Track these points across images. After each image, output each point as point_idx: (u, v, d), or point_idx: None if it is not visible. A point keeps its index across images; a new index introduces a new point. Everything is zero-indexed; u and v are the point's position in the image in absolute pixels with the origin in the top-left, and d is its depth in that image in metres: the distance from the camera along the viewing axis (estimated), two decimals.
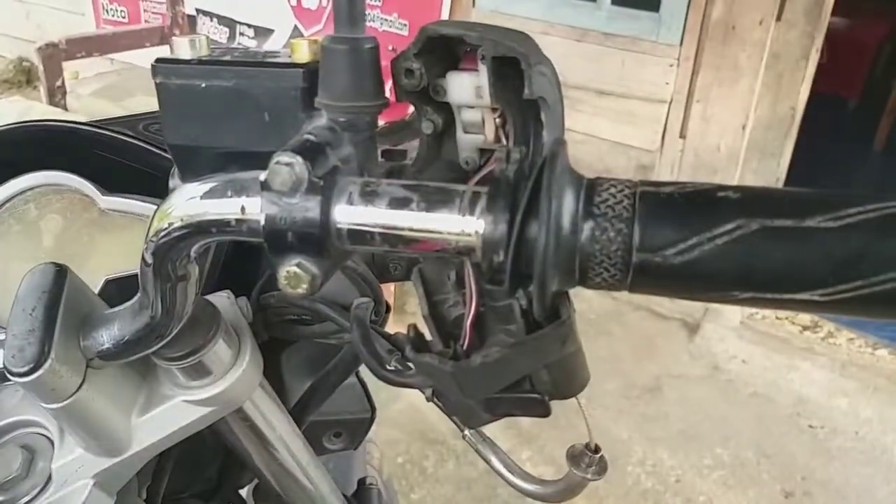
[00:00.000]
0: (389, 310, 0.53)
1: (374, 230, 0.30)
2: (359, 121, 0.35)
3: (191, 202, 0.33)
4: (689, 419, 2.07)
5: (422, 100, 0.38)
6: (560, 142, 0.30)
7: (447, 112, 0.39)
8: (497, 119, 0.37)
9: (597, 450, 0.48)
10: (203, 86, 0.37)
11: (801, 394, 2.16)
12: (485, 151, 0.39)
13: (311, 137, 0.33)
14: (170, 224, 0.33)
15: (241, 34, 3.57)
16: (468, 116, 0.38)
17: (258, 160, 0.31)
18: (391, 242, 0.31)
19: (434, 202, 0.30)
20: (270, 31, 3.47)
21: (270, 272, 0.51)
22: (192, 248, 0.34)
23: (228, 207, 0.32)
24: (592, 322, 2.43)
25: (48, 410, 0.37)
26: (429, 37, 0.35)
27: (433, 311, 0.42)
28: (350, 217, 0.30)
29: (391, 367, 0.41)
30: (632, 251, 0.27)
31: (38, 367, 0.35)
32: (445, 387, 0.38)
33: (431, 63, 0.36)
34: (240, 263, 0.53)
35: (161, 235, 0.33)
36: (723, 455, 1.96)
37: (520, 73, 0.33)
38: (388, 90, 0.35)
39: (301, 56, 0.37)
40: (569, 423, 1.62)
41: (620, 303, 2.54)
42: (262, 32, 3.50)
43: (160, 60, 0.38)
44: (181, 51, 0.38)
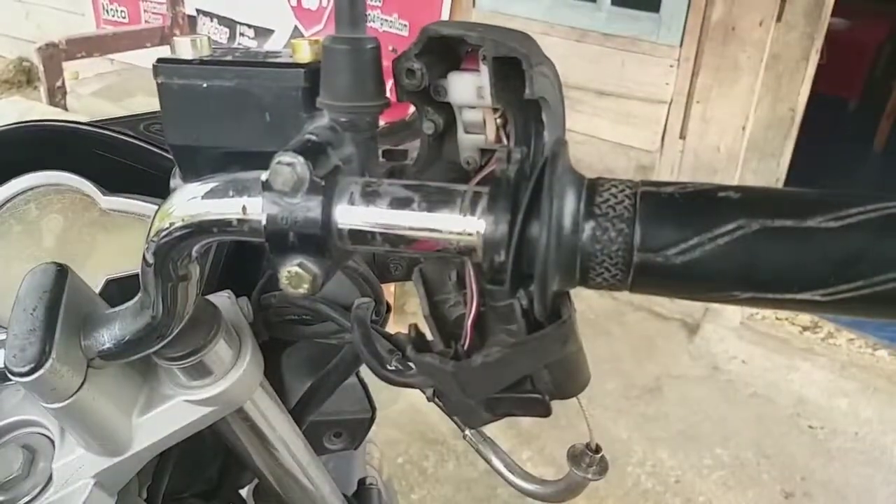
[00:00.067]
0: (390, 310, 0.54)
1: (376, 230, 0.30)
2: (360, 121, 0.35)
3: (192, 202, 0.33)
4: (689, 419, 2.07)
5: (423, 100, 0.38)
6: (561, 142, 0.30)
7: (448, 112, 0.39)
8: (498, 119, 0.37)
9: (597, 450, 0.48)
10: (204, 86, 0.37)
11: (801, 394, 2.16)
12: (486, 151, 0.39)
13: (313, 137, 0.33)
14: (171, 224, 0.33)
15: (242, 34, 3.57)
16: (469, 116, 0.38)
17: (259, 160, 0.31)
18: (392, 242, 0.31)
19: (435, 202, 0.30)
20: (271, 32, 3.47)
21: (271, 272, 0.51)
22: (194, 248, 0.34)
23: (230, 207, 0.32)
24: (592, 322, 2.43)
25: (49, 410, 0.37)
26: (430, 37, 0.35)
27: (434, 311, 0.42)
28: (351, 217, 0.30)
29: (392, 367, 0.41)
30: (633, 251, 0.27)
31: (39, 367, 0.35)
32: (446, 387, 0.38)
33: (432, 63, 0.36)
34: (241, 263, 0.53)
35: (162, 235, 0.33)
36: (723, 455, 1.96)
37: (521, 74, 0.33)
38: (389, 90, 0.36)
39: (302, 56, 0.37)
40: (569, 423, 1.62)
41: (620, 303, 2.54)
42: (263, 33, 3.50)
43: (162, 60, 0.38)
44: (183, 51, 0.38)
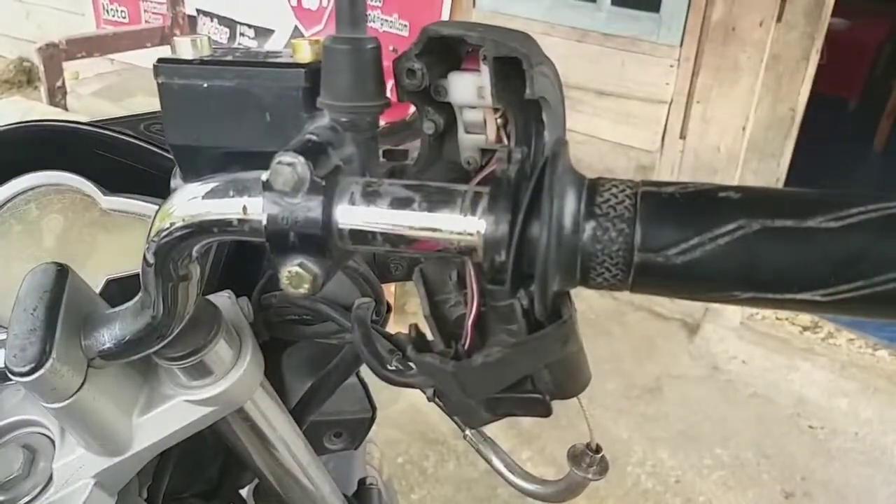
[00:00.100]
0: (390, 310, 0.54)
1: (376, 230, 0.30)
2: (360, 121, 0.35)
3: (192, 202, 0.33)
4: (689, 419, 2.07)
5: (423, 100, 0.38)
6: (561, 142, 0.30)
7: (449, 112, 0.39)
8: (498, 119, 0.37)
9: (598, 450, 0.48)
10: (205, 86, 0.37)
11: (801, 394, 2.16)
12: (486, 151, 0.39)
13: (313, 137, 0.33)
14: (171, 224, 0.33)
15: (242, 34, 3.57)
16: (470, 117, 0.38)
17: (260, 160, 0.31)
18: (393, 242, 0.31)
19: (436, 202, 0.30)
20: (271, 32, 3.47)
21: (271, 272, 0.51)
22: (194, 248, 0.34)
23: (230, 207, 0.32)
24: (593, 322, 2.43)
25: (49, 410, 0.37)
26: (430, 37, 0.35)
27: (434, 311, 0.42)
28: (352, 217, 0.30)
29: (392, 367, 0.41)
30: (633, 251, 0.27)
31: (40, 367, 0.35)
32: (447, 387, 0.38)
33: (433, 63, 0.36)
34: (241, 263, 0.53)
35: (163, 235, 0.33)
36: (723, 455, 1.96)
37: (521, 74, 0.33)
38: (390, 90, 0.36)
39: (303, 56, 0.37)
40: (569, 423, 1.62)
41: (621, 303, 2.54)
42: (263, 33, 3.50)
43: (162, 60, 0.38)
44: (183, 51, 0.38)
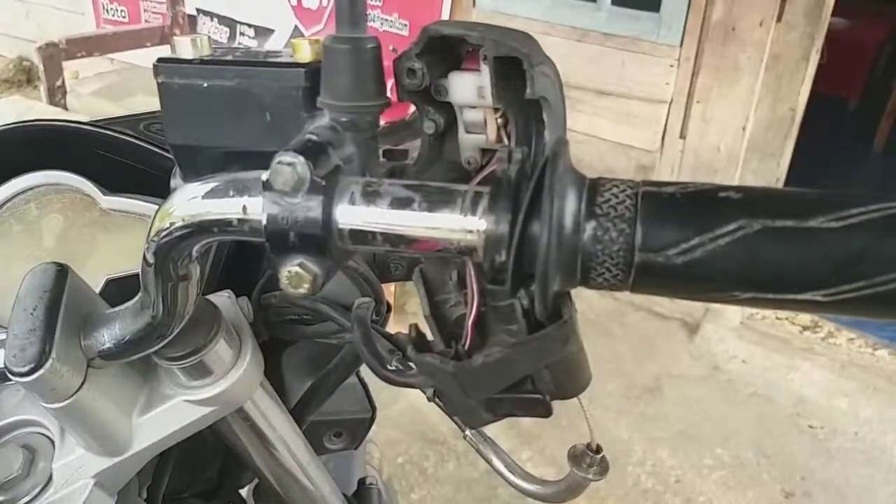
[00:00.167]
0: (390, 310, 0.53)
1: (376, 230, 0.30)
2: (361, 120, 0.35)
3: (192, 202, 0.33)
4: (689, 419, 2.07)
5: (424, 100, 0.38)
6: (562, 142, 0.30)
7: (449, 112, 0.39)
8: (499, 119, 0.37)
9: (598, 450, 0.48)
10: (205, 85, 0.37)
11: (801, 394, 2.16)
12: (486, 151, 0.39)
13: (313, 137, 0.33)
14: (171, 224, 0.33)
15: (242, 34, 3.56)
16: (470, 116, 0.38)
17: (260, 160, 0.31)
18: (393, 242, 0.31)
19: (436, 202, 0.30)
20: (271, 31, 3.47)
21: (271, 272, 0.51)
22: (194, 248, 0.34)
23: (230, 207, 0.32)
24: (593, 322, 2.43)
25: (49, 410, 0.37)
26: (430, 37, 0.35)
27: (434, 311, 0.42)
28: (352, 217, 0.30)
29: (392, 367, 0.41)
30: (634, 251, 0.27)
31: (39, 367, 0.34)
32: (447, 387, 0.38)
33: (433, 63, 0.36)
34: (241, 263, 0.53)
35: (162, 235, 0.33)
36: (723, 455, 1.96)
37: (522, 73, 0.33)
38: (390, 90, 0.35)
39: (303, 56, 0.37)
40: (570, 424, 1.62)
41: (621, 303, 2.54)
42: (263, 32, 3.50)
43: (162, 60, 0.38)
44: (183, 50, 0.38)
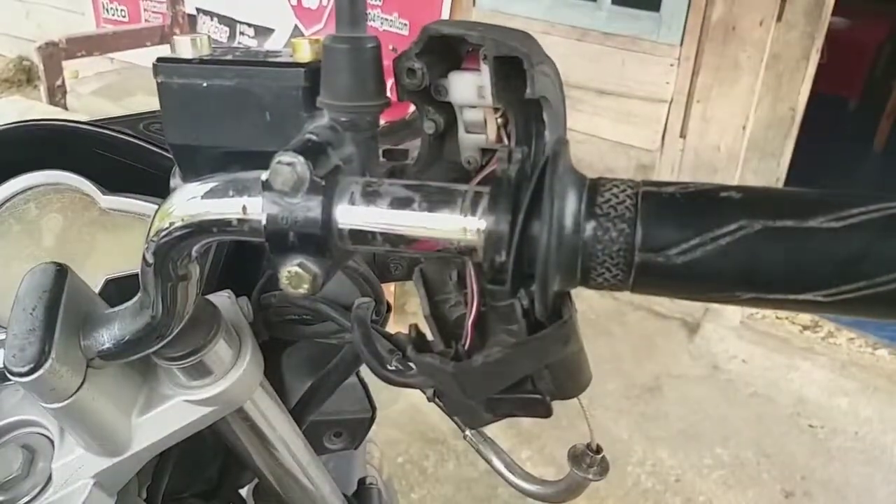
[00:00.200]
0: (390, 310, 0.53)
1: (376, 230, 0.30)
2: (360, 120, 0.35)
3: (192, 202, 0.33)
4: (689, 419, 2.07)
5: (424, 99, 0.38)
6: (562, 141, 0.30)
7: (449, 112, 0.39)
8: (499, 119, 0.37)
9: (598, 450, 0.48)
10: (205, 85, 0.37)
11: (801, 394, 2.16)
12: (486, 151, 0.39)
13: (313, 137, 0.33)
14: (171, 224, 0.33)
15: (242, 34, 3.56)
16: (470, 116, 0.38)
17: (260, 160, 0.31)
18: (393, 242, 0.31)
19: (436, 202, 0.30)
20: (271, 31, 3.47)
21: (271, 272, 0.51)
22: (194, 248, 0.34)
23: (230, 207, 0.32)
24: (593, 322, 2.43)
25: (48, 410, 0.37)
26: (430, 36, 0.35)
27: (434, 311, 0.42)
28: (352, 217, 0.30)
29: (392, 367, 0.41)
30: (634, 251, 0.27)
31: (39, 367, 0.34)
32: (447, 387, 0.38)
33: (433, 63, 0.36)
34: (241, 263, 0.53)
35: (162, 235, 0.33)
36: (723, 455, 1.96)
37: (522, 73, 0.33)
38: (390, 90, 0.35)
39: (303, 55, 0.36)
40: (570, 424, 1.62)
41: (621, 303, 2.54)
42: (263, 32, 3.50)
43: (162, 59, 0.38)
44: (183, 50, 0.38)
